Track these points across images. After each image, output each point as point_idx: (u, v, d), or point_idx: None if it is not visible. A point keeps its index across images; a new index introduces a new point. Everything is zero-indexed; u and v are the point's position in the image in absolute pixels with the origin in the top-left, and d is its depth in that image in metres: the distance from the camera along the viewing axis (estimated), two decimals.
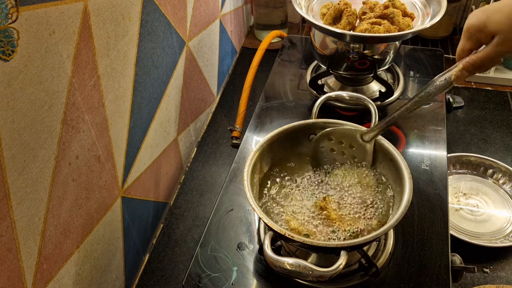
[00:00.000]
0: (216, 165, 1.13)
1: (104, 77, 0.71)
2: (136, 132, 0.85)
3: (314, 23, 0.80)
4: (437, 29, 1.38)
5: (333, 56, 0.86)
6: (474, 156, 1.05)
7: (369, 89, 0.93)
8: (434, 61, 1.02)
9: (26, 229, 0.58)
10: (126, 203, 0.85)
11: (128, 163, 0.83)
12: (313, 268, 0.50)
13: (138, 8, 0.79)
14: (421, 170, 0.77)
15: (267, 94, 0.96)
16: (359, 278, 0.63)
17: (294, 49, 1.09)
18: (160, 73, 0.92)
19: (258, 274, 0.64)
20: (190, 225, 1.00)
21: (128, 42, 0.77)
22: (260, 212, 0.55)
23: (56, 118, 0.60)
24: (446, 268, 0.63)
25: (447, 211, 0.70)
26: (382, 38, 0.77)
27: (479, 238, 0.91)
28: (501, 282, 0.85)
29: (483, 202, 0.99)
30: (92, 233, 0.74)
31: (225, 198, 0.74)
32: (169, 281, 0.90)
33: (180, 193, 1.07)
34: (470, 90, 1.30)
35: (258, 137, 0.86)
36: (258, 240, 0.68)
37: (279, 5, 1.43)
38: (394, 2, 0.84)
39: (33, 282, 0.60)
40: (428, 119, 0.87)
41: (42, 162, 0.59)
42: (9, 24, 0.49)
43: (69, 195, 0.66)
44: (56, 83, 0.59)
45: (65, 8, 0.59)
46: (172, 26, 0.95)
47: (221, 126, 1.24)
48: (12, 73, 0.51)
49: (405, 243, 0.67)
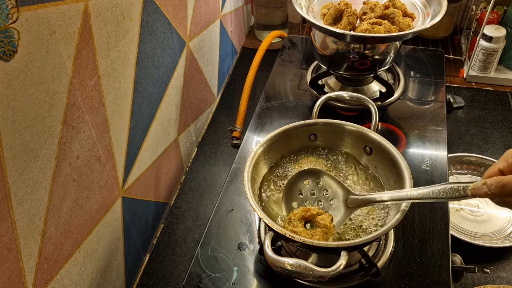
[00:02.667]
0: (216, 165, 1.13)
1: (105, 77, 0.71)
2: (136, 132, 0.85)
3: (315, 23, 0.80)
4: (437, 29, 1.38)
5: (334, 56, 0.86)
6: (474, 156, 1.05)
7: (370, 89, 0.93)
8: (435, 61, 1.02)
9: (27, 229, 0.58)
10: (126, 203, 0.85)
11: (128, 163, 0.83)
12: (314, 268, 0.50)
13: (138, 8, 0.79)
14: (422, 170, 0.77)
15: (268, 94, 0.96)
16: (360, 279, 0.63)
17: (294, 49, 1.09)
18: (160, 73, 0.92)
19: (259, 274, 0.64)
20: (191, 225, 1.00)
21: (129, 42, 0.77)
22: (261, 212, 0.55)
23: (57, 118, 0.60)
24: (446, 268, 0.63)
25: (447, 211, 0.70)
26: (382, 38, 0.77)
27: (479, 238, 0.91)
28: (501, 282, 0.85)
29: (484, 202, 0.99)
30: (92, 233, 0.74)
31: (225, 198, 0.74)
32: (170, 281, 0.90)
33: (181, 193, 1.07)
34: (471, 90, 1.30)
35: (259, 137, 0.86)
36: (259, 240, 0.68)
37: (280, 5, 1.43)
38: (394, 2, 0.84)
39: (33, 282, 0.60)
40: (428, 119, 0.87)
41: (42, 162, 0.59)
42: (9, 25, 0.49)
43: (69, 195, 0.66)
44: (56, 83, 0.59)
45: (66, 8, 0.59)
46: (172, 26, 0.95)
47: (221, 126, 1.24)
48: (13, 74, 0.51)
49: (405, 243, 0.67)
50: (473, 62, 1.28)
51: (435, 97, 0.93)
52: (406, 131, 0.85)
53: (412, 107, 0.91)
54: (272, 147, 0.67)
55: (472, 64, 1.29)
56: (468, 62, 1.32)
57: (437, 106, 0.91)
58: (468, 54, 1.36)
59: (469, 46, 1.36)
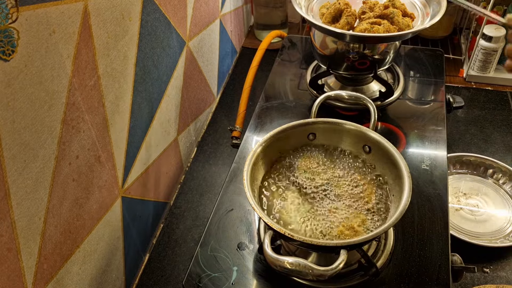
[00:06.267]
0: (216, 165, 1.13)
1: (104, 77, 0.71)
2: (136, 132, 0.85)
3: (314, 23, 0.80)
4: (437, 29, 1.38)
5: (333, 56, 0.86)
6: (474, 156, 1.05)
7: (369, 89, 0.94)
8: (434, 61, 1.02)
9: (26, 229, 0.58)
10: (126, 203, 0.85)
11: (128, 163, 0.83)
12: (313, 267, 0.50)
13: (138, 8, 0.79)
14: (421, 170, 0.77)
15: (267, 94, 0.96)
16: (359, 278, 0.63)
17: (294, 49, 1.09)
18: (160, 73, 0.92)
19: (258, 274, 0.64)
20: (190, 225, 1.00)
21: (128, 42, 0.77)
22: (260, 212, 0.55)
23: (56, 118, 0.60)
24: (446, 268, 0.63)
25: (447, 211, 0.70)
26: (382, 38, 0.77)
27: (479, 238, 0.91)
28: (501, 282, 0.85)
29: (483, 202, 0.99)
30: (92, 233, 0.74)
31: (225, 198, 0.74)
32: (169, 281, 0.90)
33: (180, 193, 1.07)
34: (470, 90, 1.30)
35: (258, 137, 0.86)
36: (258, 240, 0.68)
37: (279, 5, 1.43)
38: (394, 2, 0.84)
39: (33, 282, 0.60)
40: (428, 119, 0.87)
41: (42, 162, 0.59)
42: (9, 24, 0.49)
43: (69, 195, 0.66)
44: (56, 83, 0.59)
45: (65, 8, 0.59)
46: (172, 26, 0.95)
47: (221, 126, 1.24)
48: (12, 73, 0.51)
49: (405, 243, 0.67)
50: (473, 62, 1.28)
51: (435, 97, 0.93)
52: (405, 131, 0.85)
53: (412, 107, 0.91)
54: (271, 146, 0.67)
55: (472, 64, 1.29)
56: (467, 62, 1.32)
57: (437, 106, 0.91)
58: (467, 54, 1.36)
59: (468, 45, 1.36)
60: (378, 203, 0.63)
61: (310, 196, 0.64)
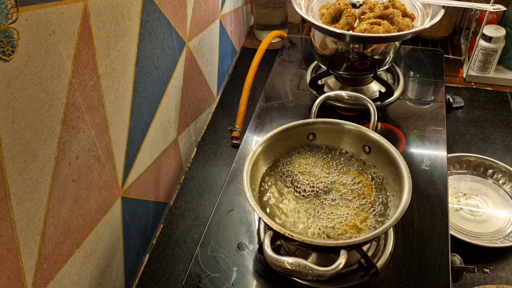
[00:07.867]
0: (216, 165, 1.13)
1: (104, 77, 0.71)
2: (136, 132, 0.85)
3: (314, 23, 0.80)
4: (437, 30, 1.38)
5: (333, 56, 0.86)
6: (474, 156, 1.05)
7: (369, 89, 0.94)
8: (434, 61, 1.02)
9: (26, 229, 0.58)
10: (126, 203, 0.85)
11: (128, 163, 0.83)
12: (313, 267, 0.50)
13: (138, 8, 0.79)
14: (421, 170, 0.77)
15: (267, 94, 0.96)
16: (359, 278, 0.63)
17: (294, 49, 1.09)
18: (160, 73, 0.92)
19: (258, 274, 0.64)
20: (190, 225, 1.00)
21: (128, 42, 0.77)
22: (260, 212, 0.55)
23: (56, 118, 0.60)
24: (446, 268, 0.63)
25: (447, 211, 0.70)
26: (381, 38, 0.77)
27: (479, 238, 0.91)
28: (501, 282, 0.85)
29: (483, 202, 0.99)
30: (92, 233, 0.74)
31: (225, 198, 0.74)
32: (169, 281, 0.90)
33: (180, 193, 1.07)
34: (470, 90, 1.30)
35: (258, 137, 0.86)
36: (258, 240, 0.68)
37: (279, 5, 1.43)
38: (394, 3, 0.84)
39: (33, 282, 0.60)
40: (428, 119, 0.87)
41: (42, 162, 0.59)
42: (9, 25, 0.49)
43: (69, 195, 0.66)
44: (56, 83, 0.59)
45: (65, 8, 0.59)
46: (172, 26, 0.95)
47: (221, 126, 1.24)
48: (12, 73, 0.51)
49: (405, 243, 0.67)
50: (473, 62, 1.28)
51: (435, 97, 0.93)
52: (405, 131, 0.85)
53: (412, 107, 0.91)
54: (271, 146, 0.67)
55: (472, 64, 1.29)
56: (467, 62, 1.32)
57: (437, 106, 0.91)
58: (467, 54, 1.36)
59: (468, 46, 1.36)
60: (378, 203, 0.63)
61: (310, 196, 0.64)
